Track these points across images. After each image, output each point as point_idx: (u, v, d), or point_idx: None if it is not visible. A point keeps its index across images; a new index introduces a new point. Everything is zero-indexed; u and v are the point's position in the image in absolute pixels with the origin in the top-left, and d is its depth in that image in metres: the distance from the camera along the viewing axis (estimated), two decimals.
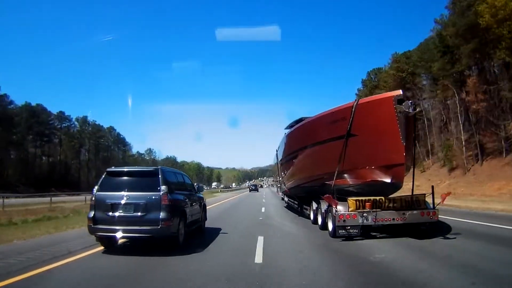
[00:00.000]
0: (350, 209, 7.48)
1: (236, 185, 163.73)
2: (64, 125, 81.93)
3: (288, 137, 12.79)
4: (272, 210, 17.40)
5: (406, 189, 8.21)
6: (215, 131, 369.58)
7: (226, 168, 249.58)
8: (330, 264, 5.49)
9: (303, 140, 10.42)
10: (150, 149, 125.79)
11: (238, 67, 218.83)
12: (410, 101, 6.94)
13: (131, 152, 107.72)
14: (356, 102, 7.61)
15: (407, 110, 6.81)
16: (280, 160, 15.68)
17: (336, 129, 8.02)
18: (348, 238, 7.47)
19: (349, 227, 7.45)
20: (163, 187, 6.33)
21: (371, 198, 7.57)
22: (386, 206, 7.54)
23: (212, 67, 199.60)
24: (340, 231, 7.51)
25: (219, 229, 9.46)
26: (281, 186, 19.89)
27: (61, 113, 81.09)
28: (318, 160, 9.34)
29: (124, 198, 6.24)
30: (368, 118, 7.32)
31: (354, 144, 7.65)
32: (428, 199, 8.03)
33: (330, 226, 8.07)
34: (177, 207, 6.73)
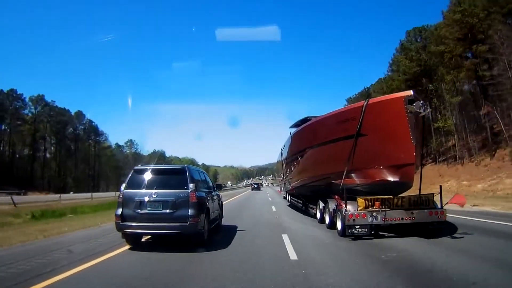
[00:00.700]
0: (360, 208, 7.52)
1: (233, 183, 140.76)
2: (18, 105, 64.86)
3: (294, 136, 12.83)
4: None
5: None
6: (215, 130, 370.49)
7: (225, 166, 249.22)
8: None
9: (310, 139, 10.46)
10: (131, 140, 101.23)
11: (238, 67, 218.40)
12: (421, 101, 6.96)
13: (109, 143, 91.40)
14: (366, 102, 7.65)
15: (418, 111, 6.85)
16: (285, 158, 15.73)
17: (345, 128, 8.06)
18: (357, 237, 7.53)
19: (358, 226, 7.49)
20: (191, 185, 6.51)
21: (380, 197, 7.61)
22: (395, 205, 7.58)
23: (212, 67, 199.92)
24: (349, 230, 7.55)
25: (235, 226, 9.68)
26: (284, 185, 19.93)
27: (12, 91, 64.72)
28: (326, 159, 9.38)
29: (152, 196, 6.37)
30: (378, 118, 7.35)
31: (364, 144, 7.70)
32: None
33: (339, 225, 8.11)
34: (202, 204, 6.89)
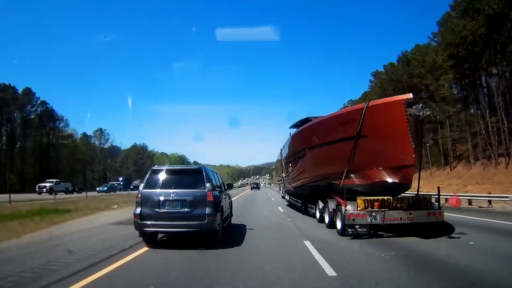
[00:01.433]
0: (359, 208, 7.68)
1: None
2: None
3: (295, 136, 12.97)
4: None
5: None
6: (213, 130, 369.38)
7: (220, 165, 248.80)
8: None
9: (310, 140, 10.59)
10: (101, 129, 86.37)
11: (237, 66, 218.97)
12: (421, 104, 7.14)
13: (71, 132, 75.07)
14: (367, 104, 7.80)
15: (417, 113, 7.01)
16: (285, 158, 15.86)
17: (345, 130, 8.21)
18: (356, 236, 7.69)
19: (357, 226, 7.66)
20: (208, 185, 6.77)
21: (380, 197, 7.78)
22: (394, 205, 7.74)
23: (212, 67, 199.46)
24: (349, 230, 7.72)
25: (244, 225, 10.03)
26: (284, 184, 20.08)
27: None
28: (326, 160, 9.52)
29: (171, 195, 6.58)
30: (378, 120, 7.51)
31: (364, 146, 7.85)
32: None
33: (339, 224, 8.28)
34: (218, 203, 7.13)
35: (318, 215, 10.73)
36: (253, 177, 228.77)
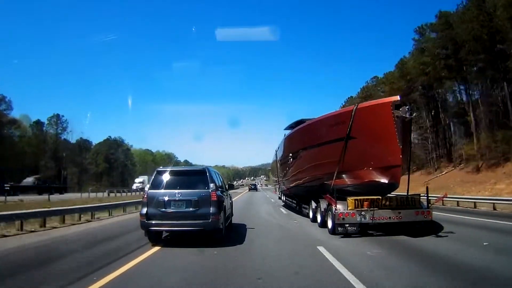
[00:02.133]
0: (349, 207, 7.88)
1: None
2: None
3: (289, 138, 13.17)
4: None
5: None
6: (210, 130, 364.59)
7: (216, 165, 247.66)
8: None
9: (303, 141, 10.81)
10: (58, 116, 69.62)
11: (237, 66, 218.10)
12: (407, 106, 7.35)
13: (16, 118, 58.47)
14: (356, 106, 8.02)
15: (404, 115, 7.22)
16: (280, 159, 16.05)
17: (336, 131, 8.44)
18: (346, 235, 7.89)
19: (347, 225, 7.86)
20: (211, 185, 6.97)
21: (369, 197, 8.00)
22: (383, 205, 7.96)
23: (212, 67, 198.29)
24: (339, 229, 7.91)
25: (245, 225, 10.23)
26: (279, 185, 20.28)
27: None
28: (318, 161, 9.74)
29: (176, 195, 6.77)
30: (367, 122, 7.72)
31: (353, 146, 8.06)
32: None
33: (330, 223, 8.49)
34: (221, 202, 7.33)
35: (311, 214, 10.93)
36: (248, 178, 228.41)
